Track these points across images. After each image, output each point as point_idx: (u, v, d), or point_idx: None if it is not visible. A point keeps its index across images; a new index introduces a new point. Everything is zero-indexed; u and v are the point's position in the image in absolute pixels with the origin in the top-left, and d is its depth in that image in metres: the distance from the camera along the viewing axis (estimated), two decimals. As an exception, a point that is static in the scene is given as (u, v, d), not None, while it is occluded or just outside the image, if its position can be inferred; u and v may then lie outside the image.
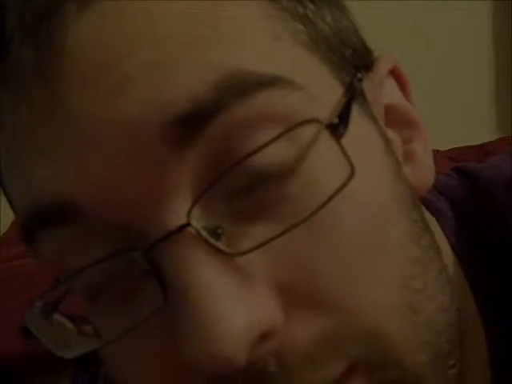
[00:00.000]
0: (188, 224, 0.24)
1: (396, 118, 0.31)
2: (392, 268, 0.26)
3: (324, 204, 0.24)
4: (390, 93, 0.32)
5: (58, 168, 0.25)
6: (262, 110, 0.24)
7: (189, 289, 0.23)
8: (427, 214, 0.32)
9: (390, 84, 0.32)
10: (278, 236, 0.24)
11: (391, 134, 0.31)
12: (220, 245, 0.24)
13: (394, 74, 0.32)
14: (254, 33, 0.25)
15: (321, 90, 0.26)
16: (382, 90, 0.31)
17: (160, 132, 0.24)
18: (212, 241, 0.24)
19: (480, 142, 0.93)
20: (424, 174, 0.32)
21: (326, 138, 0.25)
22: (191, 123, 0.24)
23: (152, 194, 0.24)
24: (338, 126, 0.25)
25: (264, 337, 0.24)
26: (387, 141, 0.29)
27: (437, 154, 0.33)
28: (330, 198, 0.24)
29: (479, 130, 1.26)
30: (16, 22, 0.25)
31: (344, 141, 0.25)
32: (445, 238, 0.34)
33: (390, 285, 0.26)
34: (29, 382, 0.66)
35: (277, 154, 0.24)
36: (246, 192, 0.25)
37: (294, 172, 0.25)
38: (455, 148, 0.89)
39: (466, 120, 1.27)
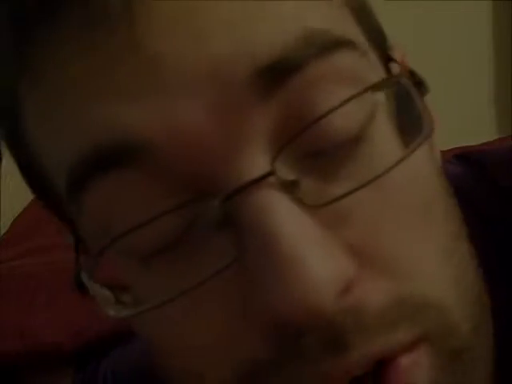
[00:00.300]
0: (271, 173, 0.24)
1: None
2: (440, 240, 0.27)
3: (401, 160, 0.25)
4: None
5: (135, 106, 0.24)
6: (339, 69, 0.25)
7: (274, 236, 0.23)
8: None
9: None
10: (357, 189, 0.24)
11: None
12: (301, 195, 0.24)
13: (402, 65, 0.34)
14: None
15: (373, 60, 0.28)
16: None
17: (247, 78, 0.24)
18: (294, 191, 0.24)
19: (480, 142, 0.93)
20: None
21: (401, 98, 0.26)
22: (277, 73, 0.24)
23: (231, 141, 0.24)
24: (421, 84, 0.27)
25: (344, 291, 0.24)
26: None
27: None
28: (409, 154, 0.25)
29: (479, 130, 1.26)
30: None
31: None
32: None
33: (439, 256, 0.27)
34: (29, 381, 0.66)
35: (352, 113, 0.25)
36: (322, 149, 0.25)
37: (367, 132, 0.26)
38: (455, 148, 0.89)
39: (466, 120, 1.27)
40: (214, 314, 0.25)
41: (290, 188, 0.24)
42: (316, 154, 0.25)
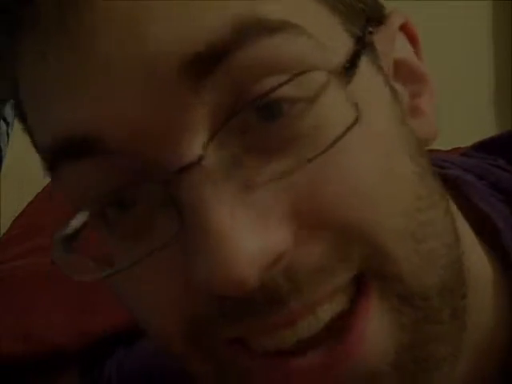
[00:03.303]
0: (203, 156, 0.25)
1: (405, 73, 0.32)
2: (398, 198, 0.28)
3: (333, 143, 0.26)
4: (400, 48, 0.33)
5: (78, 103, 0.26)
6: (273, 53, 0.26)
7: (204, 217, 0.25)
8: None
9: (401, 39, 0.34)
10: (290, 172, 0.26)
11: (399, 87, 0.32)
12: (236, 176, 0.26)
13: (406, 29, 0.34)
14: None
15: (330, 40, 0.28)
16: (393, 44, 0.32)
17: (177, 69, 0.25)
18: (227, 172, 0.26)
19: (480, 142, 0.93)
20: (429, 128, 0.33)
21: (334, 84, 0.27)
22: (206, 61, 0.25)
23: (170, 129, 0.26)
24: (346, 72, 0.27)
25: (275, 261, 0.26)
26: (394, 90, 0.31)
27: (437, 153, 0.34)
28: (338, 139, 0.26)
29: (479, 130, 1.26)
30: None
31: (352, 87, 0.27)
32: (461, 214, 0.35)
33: (395, 211, 0.28)
34: (29, 382, 0.66)
35: (288, 95, 0.26)
36: (260, 129, 0.26)
37: (305, 112, 0.26)
38: (455, 148, 0.89)
39: (466, 120, 1.27)
40: (161, 277, 0.28)
41: (224, 169, 0.26)
42: (257, 132, 0.26)
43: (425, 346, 0.28)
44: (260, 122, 0.26)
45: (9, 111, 0.83)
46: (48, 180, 0.30)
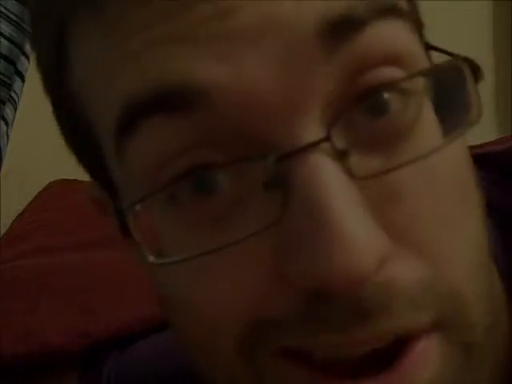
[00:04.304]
0: (327, 140, 0.24)
1: None
2: (471, 230, 0.27)
3: (449, 141, 0.25)
4: None
5: (202, 51, 0.24)
6: (396, 35, 0.25)
7: (324, 205, 0.23)
8: None
9: None
10: (405, 164, 0.24)
11: None
12: (351, 166, 0.24)
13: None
14: None
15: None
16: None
17: (316, 29, 0.23)
18: (344, 160, 0.24)
19: (480, 142, 0.93)
20: None
21: (460, 82, 0.26)
22: (345, 26, 0.24)
23: (293, 101, 0.24)
24: (478, 70, 0.26)
25: (379, 266, 0.24)
26: None
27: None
28: (456, 137, 0.25)
29: (479, 130, 1.26)
30: None
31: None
32: None
33: (468, 247, 0.26)
34: (29, 383, 0.66)
35: (407, 89, 0.25)
36: (367, 120, 0.25)
37: (421, 112, 0.25)
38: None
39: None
40: (241, 271, 0.25)
41: (341, 157, 0.24)
42: (369, 125, 0.25)
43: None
44: (369, 112, 0.25)
45: (8, 112, 0.83)
46: (48, 180, 0.30)
